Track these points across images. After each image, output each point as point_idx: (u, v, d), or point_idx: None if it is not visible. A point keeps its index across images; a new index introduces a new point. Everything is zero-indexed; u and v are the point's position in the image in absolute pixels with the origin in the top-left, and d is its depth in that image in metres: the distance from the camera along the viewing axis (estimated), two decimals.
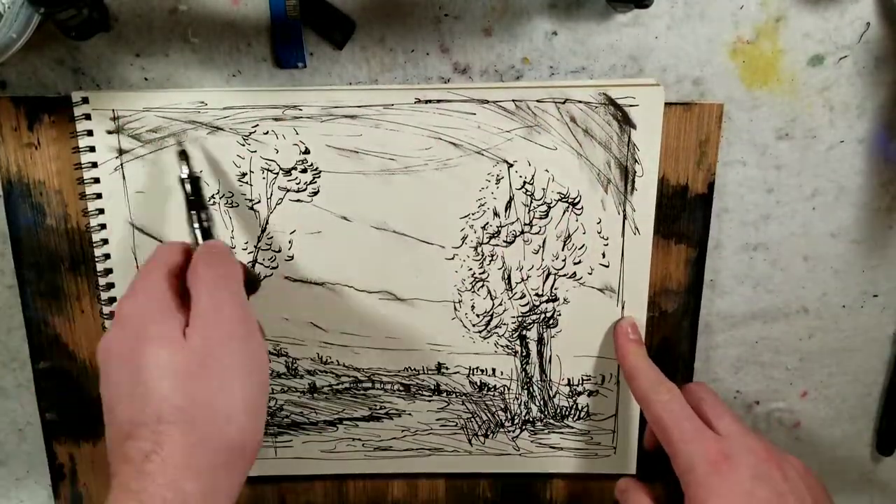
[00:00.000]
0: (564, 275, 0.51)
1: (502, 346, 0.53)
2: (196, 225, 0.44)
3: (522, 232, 0.50)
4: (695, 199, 0.50)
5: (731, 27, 0.47)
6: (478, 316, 0.52)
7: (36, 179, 0.50)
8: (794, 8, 0.47)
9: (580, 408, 0.54)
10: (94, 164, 0.49)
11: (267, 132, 0.48)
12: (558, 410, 0.54)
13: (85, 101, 0.48)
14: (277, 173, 0.49)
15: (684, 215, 0.50)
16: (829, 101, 0.49)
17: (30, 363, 0.54)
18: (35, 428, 0.56)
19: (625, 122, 0.48)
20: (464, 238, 0.50)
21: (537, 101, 0.47)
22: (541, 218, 0.50)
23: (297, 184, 0.49)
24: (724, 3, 0.47)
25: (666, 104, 0.47)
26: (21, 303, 0.52)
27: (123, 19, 0.47)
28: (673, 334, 0.53)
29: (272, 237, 0.50)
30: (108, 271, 0.51)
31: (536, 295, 0.51)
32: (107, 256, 0.50)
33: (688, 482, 0.43)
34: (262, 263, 0.51)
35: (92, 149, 0.48)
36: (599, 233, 0.50)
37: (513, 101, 0.47)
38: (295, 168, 0.49)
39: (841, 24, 0.47)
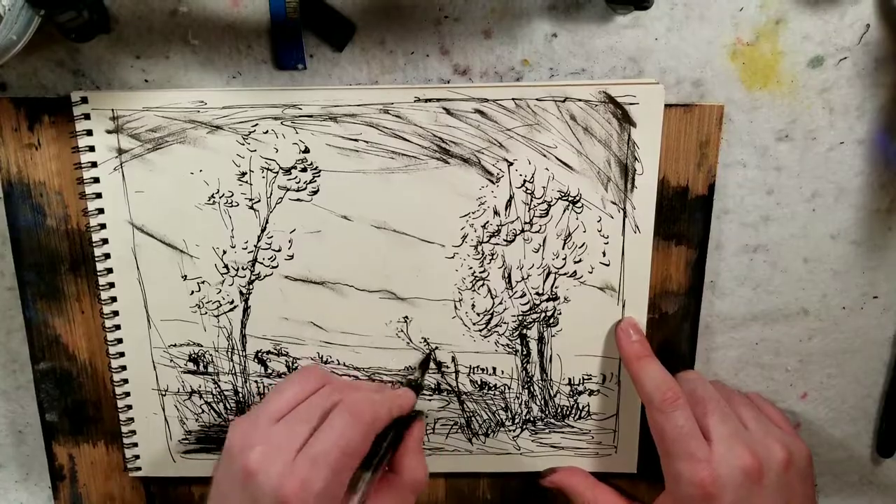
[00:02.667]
0: (565, 273, 0.51)
1: (503, 345, 0.53)
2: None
3: (522, 230, 0.50)
4: (695, 201, 0.50)
5: (730, 29, 0.47)
6: (478, 315, 0.52)
7: (36, 180, 0.50)
8: (793, 10, 0.47)
9: (581, 407, 0.54)
10: (94, 164, 0.49)
11: (266, 131, 0.48)
12: (559, 410, 0.54)
13: (84, 100, 0.48)
14: (277, 172, 0.49)
15: (684, 217, 0.50)
16: (828, 102, 0.49)
17: (30, 364, 0.54)
18: (35, 429, 0.56)
19: (625, 120, 0.48)
20: (464, 237, 0.50)
21: (537, 99, 0.47)
22: (541, 216, 0.50)
23: (297, 183, 0.49)
24: (724, 4, 0.47)
25: (666, 106, 0.47)
26: (21, 304, 0.52)
27: (123, 21, 0.47)
28: (673, 336, 0.53)
29: (272, 236, 0.50)
30: (109, 271, 0.51)
31: (537, 294, 0.51)
32: (107, 256, 0.50)
33: (670, 492, 0.47)
34: (261, 263, 0.51)
35: (91, 148, 0.48)
36: (600, 231, 0.50)
37: (512, 99, 0.47)
38: (295, 167, 0.49)
39: (841, 25, 0.47)
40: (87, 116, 0.48)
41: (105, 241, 0.50)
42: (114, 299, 0.51)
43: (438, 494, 0.57)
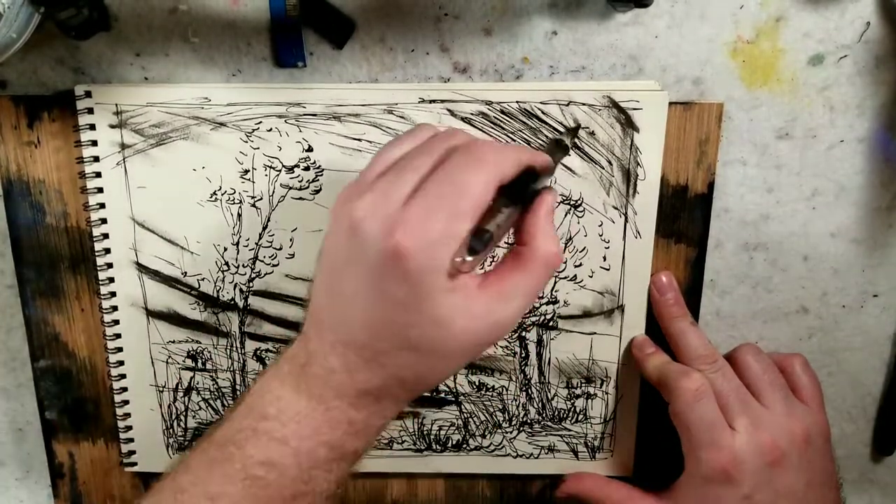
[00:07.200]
0: (565, 277, 0.51)
1: (501, 348, 0.53)
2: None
3: None
4: (695, 199, 0.50)
5: (731, 27, 0.47)
6: None
7: (36, 178, 0.50)
8: (794, 7, 0.47)
9: (578, 410, 0.54)
10: (96, 159, 0.49)
11: (270, 129, 0.48)
12: (556, 412, 0.54)
13: (88, 94, 0.48)
14: (280, 171, 0.49)
15: (684, 215, 0.50)
16: (829, 100, 0.49)
17: (30, 362, 0.54)
18: (35, 427, 0.56)
19: (628, 125, 0.48)
20: None
21: (541, 102, 0.47)
22: None
23: (300, 181, 0.49)
24: (724, 2, 0.47)
25: None
26: (21, 302, 0.52)
27: (123, 19, 0.47)
28: None
29: (273, 234, 0.50)
30: (109, 266, 0.51)
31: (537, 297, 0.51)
32: (107, 251, 0.50)
33: (691, 473, 0.48)
34: (262, 261, 0.51)
35: (94, 143, 0.49)
36: (601, 235, 0.50)
37: (516, 102, 0.47)
38: (297, 166, 0.49)
39: (841, 23, 0.47)
40: (90, 111, 0.48)
41: (106, 236, 0.50)
42: (113, 294, 0.51)
43: (437, 494, 0.57)
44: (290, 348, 0.39)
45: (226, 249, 0.50)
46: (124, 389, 0.53)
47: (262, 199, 0.50)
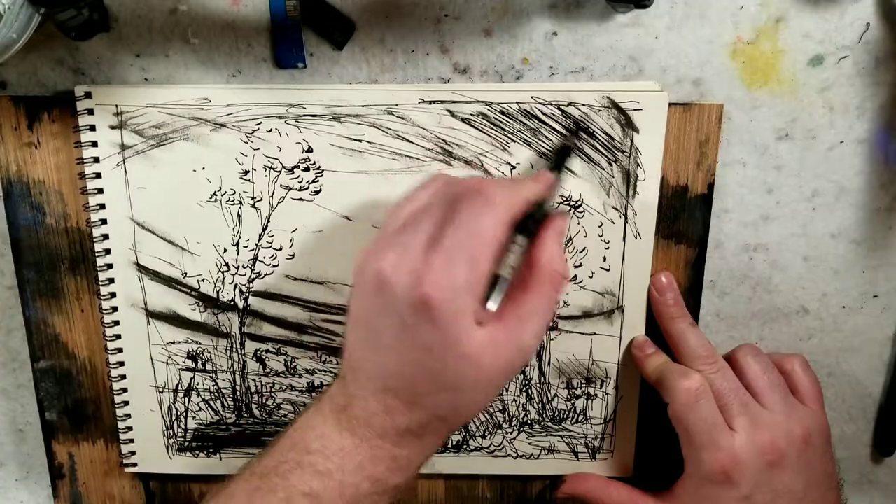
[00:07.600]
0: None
1: None
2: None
3: None
4: (695, 200, 0.50)
5: (731, 27, 0.47)
6: None
7: (35, 179, 0.50)
8: (794, 8, 0.47)
9: (578, 411, 0.54)
10: (96, 160, 0.49)
11: (270, 130, 0.48)
12: (556, 413, 0.54)
13: (88, 95, 0.48)
14: (280, 171, 0.49)
15: (684, 216, 0.50)
16: (829, 101, 0.49)
17: (30, 363, 0.54)
18: (35, 428, 0.56)
19: (628, 125, 0.48)
20: None
21: (541, 103, 0.47)
22: None
23: (300, 182, 0.49)
24: (724, 3, 0.47)
25: None
26: (21, 303, 0.52)
27: (123, 20, 0.47)
28: None
29: (273, 235, 0.50)
30: (109, 266, 0.51)
31: None
32: (107, 252, 0.50)
33: (690, 474, 0.48)
34: (262, 261, 0.51)
35: (94, 144, 0.49)
36: (601, 236, 0.50)
37: (516, 102, 0.47)
38: (297, 166, 0.49)
39: (841, 24, 0.47)
40: (90, 111, 0.48)
41: (106, 237, 0.50)
42: (113, 295, 0.51)
43: (438, 493, 0.57)
44: (330, 388, 0.41)
45: (226, 250, 0.51)
46: (124, 390, 0.53)
47: (262, 199, 0.50)
